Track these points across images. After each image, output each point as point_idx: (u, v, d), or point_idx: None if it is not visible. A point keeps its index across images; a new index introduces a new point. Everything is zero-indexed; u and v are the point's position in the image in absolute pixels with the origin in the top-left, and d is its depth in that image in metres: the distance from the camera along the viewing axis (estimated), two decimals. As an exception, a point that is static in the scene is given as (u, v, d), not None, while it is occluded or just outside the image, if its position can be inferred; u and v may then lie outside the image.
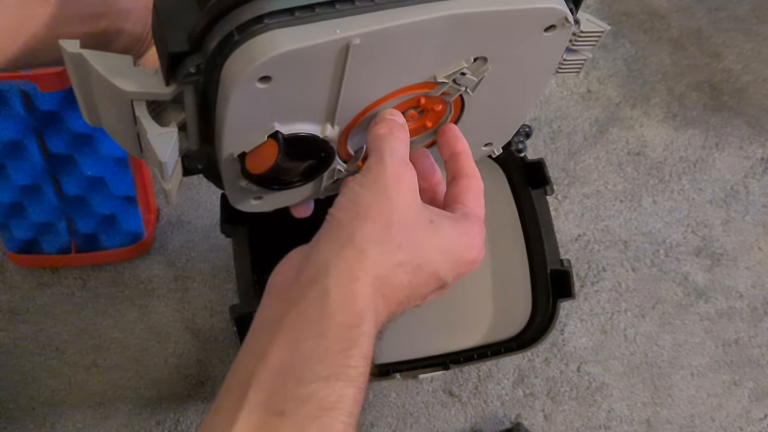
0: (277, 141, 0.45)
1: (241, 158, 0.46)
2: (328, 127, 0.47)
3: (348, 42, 0.39)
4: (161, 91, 0.42)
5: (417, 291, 0.44)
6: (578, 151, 1.08)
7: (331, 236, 0.43)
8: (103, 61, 0.41)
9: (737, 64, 1.13)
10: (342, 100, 0.44)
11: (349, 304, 0.40)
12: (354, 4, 0.39)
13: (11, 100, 0.85)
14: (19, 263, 0.99)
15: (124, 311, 1.00)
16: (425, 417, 0.98)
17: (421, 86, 0.48)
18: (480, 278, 0.81)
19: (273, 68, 0.39)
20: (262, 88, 0.40)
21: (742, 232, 1.07)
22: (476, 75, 0.47)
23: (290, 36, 0.38)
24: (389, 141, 0.46)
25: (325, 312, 0.40)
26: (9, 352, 0.98)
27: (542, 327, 0.78)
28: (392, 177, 0.44)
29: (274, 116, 0.44)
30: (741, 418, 1.02)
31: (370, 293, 0.41)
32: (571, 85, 1.11)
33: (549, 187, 0.80)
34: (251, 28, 0.38)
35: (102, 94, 0.44)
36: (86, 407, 0.97)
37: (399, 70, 0.45)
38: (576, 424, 1.00)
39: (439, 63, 0.46)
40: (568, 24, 0.45)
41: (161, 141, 0.42)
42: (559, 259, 0.80)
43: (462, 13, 0.41)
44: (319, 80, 0.42)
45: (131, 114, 0.43)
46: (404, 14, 0.40)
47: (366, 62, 0.42)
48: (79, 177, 0.92)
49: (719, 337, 1.04)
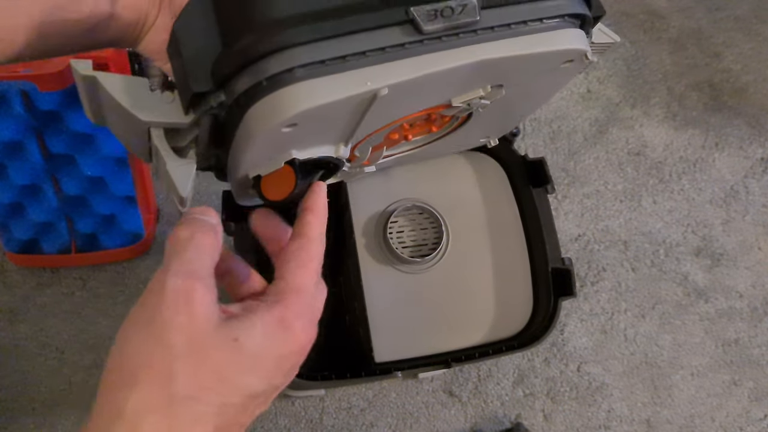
0: (294, 168, 0.44)
1: (257, 180, 0.46)
2: (341, 147, 0.47)
3: (377, 92, 0.38)
4: (180, 121, 0.41)
5: (230, 428, 0.37)
6: (578, 151, 1.08)
7: (99, 409, 0.35)
8: (119, 86, 0.40)
9: (737, 64, 1.13)
10: (360, 127, 0.44)
11: None
12: (384, 51, 0.38)
13: (11, 100, 0.85)
14: (19, 263, 0.99)
15: (124, 311, 0.99)
16: (425, 417, 0.98)
17: (434, 108, 0.48)
18: (481, 277, 0.81)
19: (301, 118, 0.38)
20: (287, 131, 0.39)
21: (742, 232, 1.07)
22: (490, 99, 0.47)
23: (321, 88, 0.37)
24: (183, 252, 0.38)
25: None
26: (9, 352, 0.98)
27: (543, 325, 0.78)
28: (172, 305, 0.36)
29: (292, 146, 0.44)
30: (741, 418, 1.02)
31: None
32: (571, 85, 1.11)
33: (550, 185, 0.81)
34: (281, 76, 0.37)
35: (115, 115, 0.43)
36: (86, 407, 0.97)
37: (418, 102, 0.45)
38: (576, 424, 1.00)
39: (457, 92, 0.46)
40: (586, 60, 0.45)
41: (181, 174, 0.42)
42: (560, 258, 0.80)
43: (490, 59, 0.41)
44: (341, 120, 0.42)
45: (146, 135, 0.43)
46: (433, 62, 0.39)
47: (390, 102, 0.41)
48: (79, 177, 0.92)
49: (719, 337, 1.04)
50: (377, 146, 0.54)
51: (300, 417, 0.97)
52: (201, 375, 0.35)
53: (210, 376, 0.35)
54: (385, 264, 0.80)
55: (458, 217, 0.82)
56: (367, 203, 0.81)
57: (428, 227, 0.82)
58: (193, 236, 0.39)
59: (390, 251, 0.79)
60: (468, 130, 0.56)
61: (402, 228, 0.82)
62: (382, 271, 0.80)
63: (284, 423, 0.96)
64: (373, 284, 0.78)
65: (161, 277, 0.37)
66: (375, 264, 0.80)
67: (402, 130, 0.54)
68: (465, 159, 0.85)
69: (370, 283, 0.78)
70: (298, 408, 0.97)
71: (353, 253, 0.79)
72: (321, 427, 0.97)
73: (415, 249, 0.81)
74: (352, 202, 0.79)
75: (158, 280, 0.37)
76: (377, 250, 0.80)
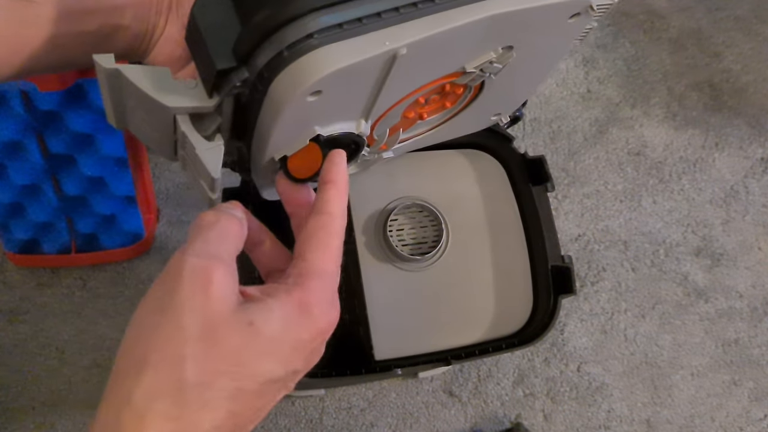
0: (319, 144, 0.45)
1: (283, 161, 0.47)
2: (362, 123, 0.48)
3: (396, 52, 0.40)
4: (205, 105, 0.42)
5: (245, 415, 0.36)
6: (578, 151, 1.08)
7: (108, 395, 0.34)
8: (142, 76, 0.41)
9: (737, 64, 1.13)
10: (380, 98, 0.45)
11: None
12: (399, 12, 0.39)
13: (11, 100, 0.85)
14: (19, 263, 0.99)
15: (124, 311, 1.00)
16: (425, 417, 0.98)
17: (449, 76, 0.49)
18: (481, 275, 0.82)
19: (325, 84, 0.39)
20: (312, 100, 0.40)
21: (742, 232, 1.07)
22: (501, 62, 0.49)
23: (341, 52, 0.38)
24: (207, 233, 0.38)
25: None
26: (9, 352, 0.97)
27: (543, 323, 0.78)
28: (189, 285, 0.35)
29: (316, 122, 0.45)
30: (741, 418, 1.01)
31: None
32: (571, 85, 1.11)
33: (550, 183, 0.81)
34: (301, 44, 0.38)
35: (139, 106, 0.44)
36: (86, 407, 0.97)
37: (434, 67, 0.47)
38: (576, 424, 1.00)
39: (470, 56, 0.47)
40: (592, 11, 0.47)
41: (211, 156, 0.42)
42: (560, 256, 0.80)
43: (502, 13, 0.42)
44: (363, 86, 0.43)
45: (171, 125, 0.44)
46: (448, 19, 0.41)
47: (408, 65, 0.42)
48: (79, 177, 0.92)
49: (719, 337, 1.04)
50: (394, 127, 0.55)
51: (300, 417, 0.97)
52: (213, 359, 0.34)
53: (223, 361, 0.34)
54: (385, 262, 0.80)
55: (458, 215, 0.83)
56: (367, 201, 0.81)
57: (428, 225, 0.82)
58: (218, 220, 0.39)
59: (390, 249, 0.79)
60: (479, 105, 0.57)
61: (402, 226, 0.82)
62: (382, 269, 0.80)
63: (284, 423, 0.96)
64: (373, 282, 0.79)
65: (180, 257, 0.36)
66: (375, 262, 0.80)
67: (417, 107, 0.55)
68: (465, 157, 0.85)
69: (370, 281, 0.78)
70: (298, 408, 0.97)
71: (353, 251, 0.79)
72: (321, 427, 0.97)
73: (415, 247, 0.81)
74: (353, 200, 0.79)
75: (177, 259, 0.36)
76: (377, 248, 0.80)
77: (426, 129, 0.61)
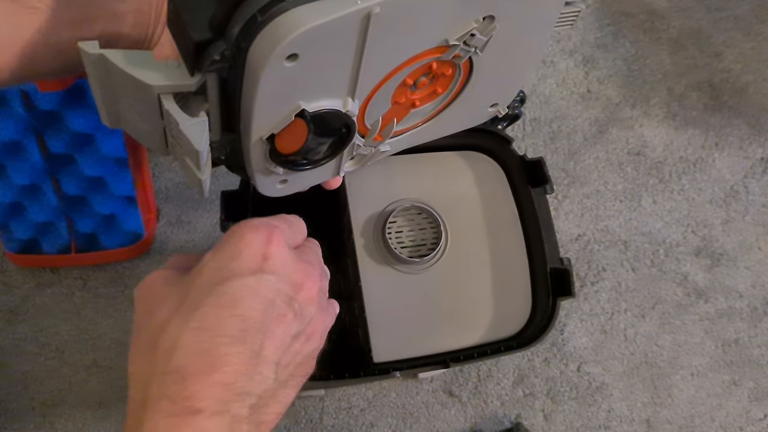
0: (305, 119, 0.46)
1: (270, 140, 0.48)
2: (349, 101, 0.48)
3: (369, 11, 0.40)
4: (187, 82, 0.43)
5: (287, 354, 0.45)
6: (578, 151, 1.08)
7: (135, 340, 0.40)
8: (125, 58, 0.42)
9: (737, 64, 1.13)
10: (362, 71, 0.46)
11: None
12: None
13: (11, 100, 0.85)
14: (19, 263, 0.99)
15: (124, 311, 1.00)
16: (425, 417, 0.98)
17: (433, 51, 0.49)
18: (480, 277, 0.81)
19: (300, 45, 0.40)
20: (289, 66, 0.41)
21: (742, 232, 1.07)
22: (485, 34, 0.49)
23: (313, 12, 0.39)
24: (269, 219, 0.46)
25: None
26: (9, 352, 0.98)
27: (542, 325, 0.77)
28: (232, 242, 0.43)
29: (299, 94, 0.46)
30: (741, 418, 1.02)
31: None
32: (571, 85, 1.11)
33: (549, 185, 0.80)
34: (273, 8, 0.39)
35: (126, 93, 0.44)
36: (86, 407, 0.97)
37: (414, 36, 0.47)
38: (576, 424, 1.00)
39: (451, 25, 0.47)
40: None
41: (194, 130, 0.43)
42: (558, 258, 0.80)
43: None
44: (341, 53, 0.43)
45: (157, 110, 0.44)
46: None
47: (385, 30, 0.43)
48: (79, 177, 0.92)
49: (719, 337, 1.04)
50: (387, 116, 0.55)
51: (300, 417, 0.97)
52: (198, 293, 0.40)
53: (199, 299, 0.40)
54: (384, 264, 0.80)
55: (457, 217, 0.82)
56: (365, 203, 0.81)
57: (427, 227, 0.82)
58: (284, 216, 0.47)
59: (389, 251, 0.79)
60: (472, 92, 0.57)
61: (401, 228, 0.82)
62: (380, 271, 0.80)
63: (284, 423, 0.96)
64: (372, 284, 0.78)
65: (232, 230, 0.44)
66: (374, 264, 0.80)
67: (407, 92, 0.55)
68: (464, 159, 0.85)
69: (368, 284, 0.78)
70: (298, 408, 0.97)
71: (352, 254, 0.79)
72: (321, 427, 0.97)
73: (414, 249, 0.81)
74: (351, 203, 0.79)
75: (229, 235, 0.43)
76: (376, 250, 0.80)
77: (421, 120, 0.61)
